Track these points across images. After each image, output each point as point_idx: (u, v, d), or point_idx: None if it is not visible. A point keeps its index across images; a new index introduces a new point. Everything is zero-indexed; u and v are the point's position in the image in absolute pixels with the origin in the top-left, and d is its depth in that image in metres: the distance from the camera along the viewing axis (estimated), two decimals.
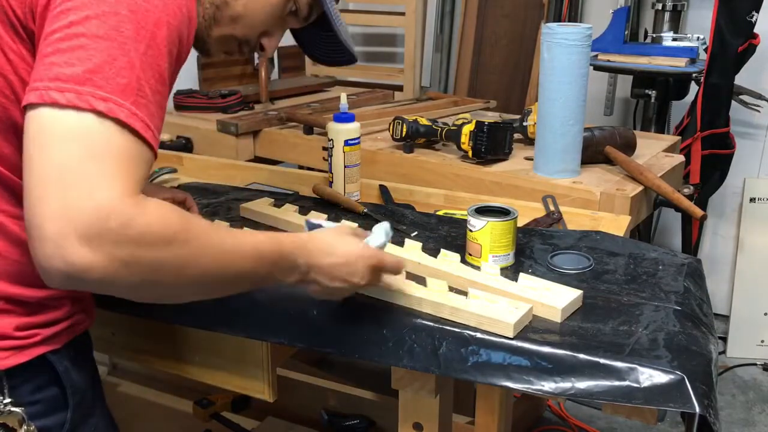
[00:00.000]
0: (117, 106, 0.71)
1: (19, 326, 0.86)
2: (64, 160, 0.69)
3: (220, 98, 2.41)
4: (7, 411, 0.85)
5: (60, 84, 0.71)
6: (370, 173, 1.71)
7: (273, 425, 1.99)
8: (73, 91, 0.70)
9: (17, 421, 0.85)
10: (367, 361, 1.07)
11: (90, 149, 0.70)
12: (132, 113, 0.72)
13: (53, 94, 0.70)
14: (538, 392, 0.97)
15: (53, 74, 0.71)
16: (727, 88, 2.36)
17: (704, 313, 1.12)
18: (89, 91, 0.71)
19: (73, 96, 0.70)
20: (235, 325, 1.15)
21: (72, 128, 0.70)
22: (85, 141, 0.70)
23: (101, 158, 0.70)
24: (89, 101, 0.70)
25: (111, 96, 0.71)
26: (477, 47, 3.03)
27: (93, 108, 0.70)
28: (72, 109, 0.70)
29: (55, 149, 0.69)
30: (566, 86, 1.67)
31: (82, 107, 0.70)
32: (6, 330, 0.85)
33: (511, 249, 1.23)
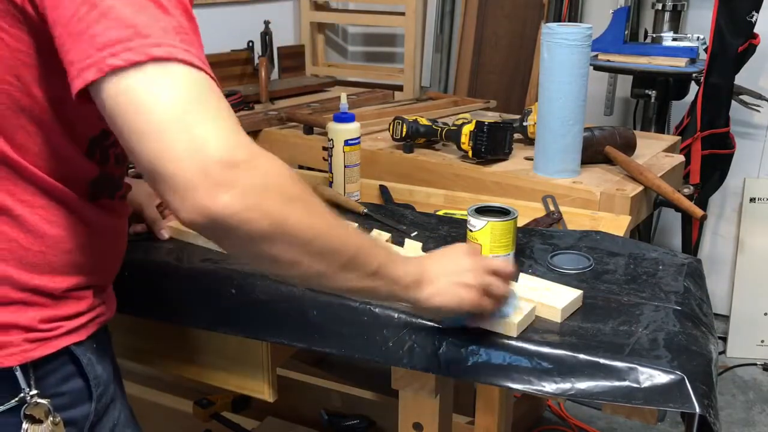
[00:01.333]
0: (171, 47, 0.71)
1: (44, 319, 0.86)
2: (164, 113, 0.68)
3: None
4: (33, 402, 0.85)
5: (110, 49, 0.69)
6: (370, 173, 1.71)
7: (273, 425, 1.99)
8: (127, 50, 0.69)
9: (43, 412, 0.86)
10: (367, 361, 1.07)
11: (178, 93, 0.70)
12: (185, 50, 0.72)
13: (110, 61, 0.69)
14: (538, 392, 0.97)
15: (99, 44, 0.70)
16: (727, 88, 2.36)
17: (704, 313, 1.12)
18: (140, 44, 0.70)
19: (130, 54, 0.69)
20: (235, 325, 1.15)
21: (148, 84, 0.69)
22: (168, 88, 0.70)
23: (195, 98, 0.70)
24: (146, 52, 0.69)
25: (162, 40, 0.70)
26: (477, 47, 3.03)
27: (153, 56, 0.69)
28: (135, 66, 0.69)
29: (148, 108, 0.69)
30: (566, 86, 1.67)
31: (142, 60, 0.69)
32: (31, 323, 0.85)
33: (511, 249, 1.22)
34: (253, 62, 2.72)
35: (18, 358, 0.84)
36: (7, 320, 0.84)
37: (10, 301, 0.84)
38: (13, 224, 0.83)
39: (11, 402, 0.85)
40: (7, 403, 0.85)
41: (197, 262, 1.22)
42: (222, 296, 1.15)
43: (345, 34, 3.45)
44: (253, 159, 0.71)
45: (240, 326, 1.15)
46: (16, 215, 0.83)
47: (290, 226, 0.73)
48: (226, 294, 1.15)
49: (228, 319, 1.15)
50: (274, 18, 2.83)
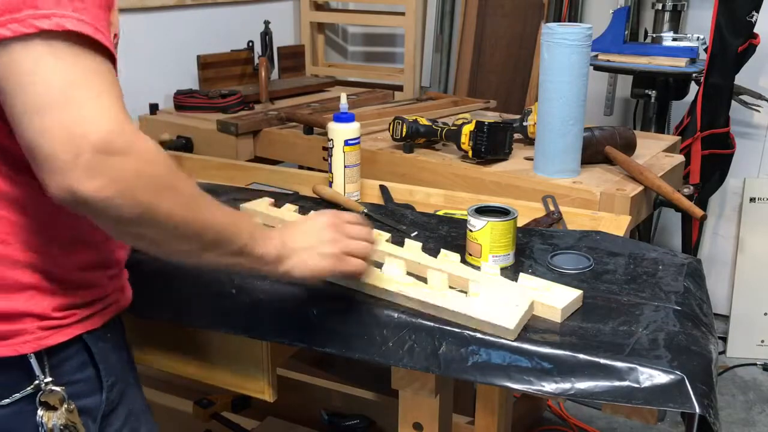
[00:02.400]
0: (62, 18, 0.71)
1: (57, 306, 0.87)
2: (46, 96, 0.70)
3: (220, 98, 2.41)
4: (48, 390, 0.86)
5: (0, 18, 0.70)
6: (370, 173, 1.71)
7: (273, 425, 1.99)
8: (14, 21, 0.70)
9: (58, 399, 0.87)
10: (367, 361, 1.07)
11: (60, 70, 0.70)
12: (78, 19, 0.72)
13: None
14: (538, 392, 0.97)
15: None
16: (727, 88, 2.36)
17: (704, 313, 1.12)
18: (29, 14, 0.70)
19: (17, 25, 0.70)
20: (235, 325, 1.15)
21: (33, 57, 0.70)
22: (50, 64, 0.70)
23: (80, 82, 0.71)
24: (32, 24, 0.70)
25: (51, 11, 0.71)
26: (477, 47, 3.03)
27: (40, 29, 0.70)
28: (21, 39, 0.70)
29: (30, 88, 0.70)
30: (566, 86, 1.67)
31: (30, 32, 0.70)
32: (45, 310, 0.86)
33: (511, 249, 1.23)
34: (253, 62, 2.73)
35: (32, 346, 0.85)
36: (21, 308, 0.84)
37: (22, 286, 0.85)
38: (10, 207, 0.84)
39: (27, 389, 0.86)
40: (22, 390, 0.86)
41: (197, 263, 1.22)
42: (222, 296, 1.15)
43: (345, 34, 3.45)
44: (129, 146, 0.72)
45: (240, 326, 1.15)
46: (12, 197, 0.83)
47: (156, 213, 0.76)
48: (226, 294, 1.15)
49: (228, 319, 1.15)
50: (274, 18, 2.83)
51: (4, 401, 0.85)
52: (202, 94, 2.45)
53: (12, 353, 0.84)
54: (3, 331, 0.84)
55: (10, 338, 0.84)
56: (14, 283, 0.84)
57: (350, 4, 3.34)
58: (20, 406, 0.86)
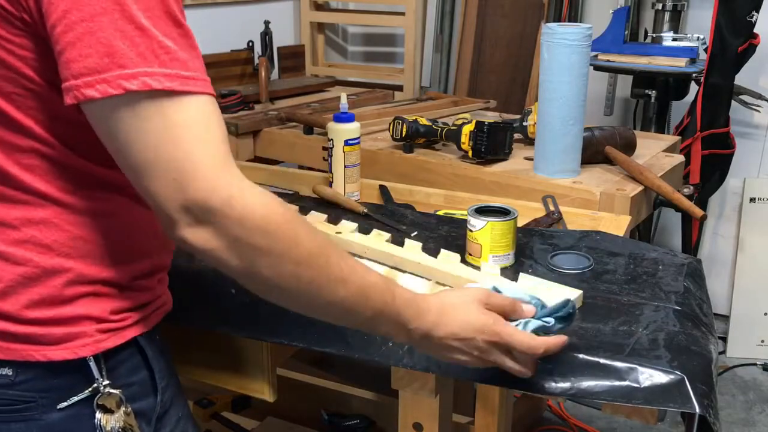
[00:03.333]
0: (148, 77, 0.70)
1: (114, 310, 0.87)
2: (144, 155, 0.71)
3: (220, 98, 2.41)
4: (106, 393, 0.86)
5: (86, 79, 0.70)
6: (370, 173, 1.71)
7: (273, 425, 1.99)
8: (102, 81, 0.70)
9: (115, 402, 0.87)
10: (367, 361, 1.07)
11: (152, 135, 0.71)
12: (164, 75, 0.71)
13: (86, 92, 0.70)
14: (538, 392, 0.97)
15: (76, 71, 0.70)
16: (727, 88, 2.36)
17: (704, 313, 1.12)
18: (116, 75, 0.70)
19: (105, 86, 0.70)
20: (235, 325, 1.15)
21: (124, 119, 0.71)
22: (143, 129, 0.71)
23: (168, 141, 0.71)
24: (120, 84, 0.70)
25: (137, 69, 0.70)
26: (477, 47, 3.03)
27: (127, 90, 0.70)
28: (109, 99, 0.70)
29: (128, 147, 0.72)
30: (566, 86, 1.67)
31: (118, 93, 0.70)
32: (102, 314, 0.86)
33: (511, 249, 1.23)
34: (253, 62, 2.72)
35: (91, 348, 0.85)
36: (79, 312, 0.85)
37: (81, 294, 0.85)
38: (77, 221, 0.84)
39: (84, 392, 0.86)
40: (80, 393, 0.85)
41: (197, 262, 1.22)
42: (222, 296, 1.15)
43: (345, 34, 3.45)
44: (233, 199, 0.72)
45: (240, 326, 1.15)
46: (80, 212, 0.84)
47: (259, 272, 0.76)
48: (226, 294, 1.15)
49: (228, 319, 1.15)
50: (274, 18, 2.83)
51: (61, 404, 0.85)
52: None
53: (71, 356, 0.84)
54: (62, 335, 0.84)
55: (70, 341, 0.84)
56: (74, 293, 0.84)
57: (350, 4, 3.34)
58: (76, 410, 0.86)
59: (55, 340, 0.83)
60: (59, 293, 0.83)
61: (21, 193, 0.81)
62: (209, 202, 0.71)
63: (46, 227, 0.82)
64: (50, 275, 0.83)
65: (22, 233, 0.82)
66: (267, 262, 0.75)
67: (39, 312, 0.83)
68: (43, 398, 0.84)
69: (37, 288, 0.82)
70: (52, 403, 0.84)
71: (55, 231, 0.83)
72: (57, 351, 0.83)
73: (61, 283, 0.83)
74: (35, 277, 0.82)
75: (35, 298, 0.82)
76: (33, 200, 0.82)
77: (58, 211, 0.83)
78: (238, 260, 0.74)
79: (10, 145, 0.80)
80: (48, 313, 0.83)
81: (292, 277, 0.77)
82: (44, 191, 0.82)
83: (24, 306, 0.82)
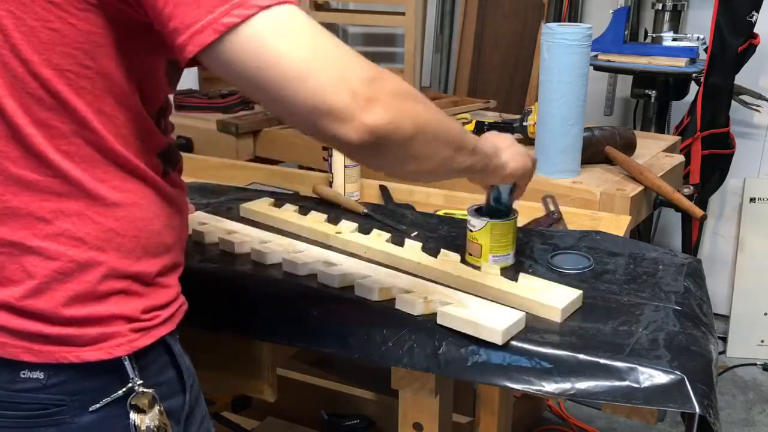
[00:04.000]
0: None
1: (145, 309, 0.87)
2: (301, 58, 0.72)
3: (220, 98, 2.41)
4: (140, 392, 0.85)
5: (221, 8, 0.71)
6: (370, 173, 1.71)
7: (273, 425, 1.99)
8: (237, 6, 0.71)
9: (148, 401, 0.86)
10: (367, 361, 1.07)
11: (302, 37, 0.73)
12: None
13: (225, 20, 0.71)
14: (538, 392, 0.97)
15: (209, 6, 0.71)
16: (727, 88, 2.36)
17: (704, 313, 1.12)
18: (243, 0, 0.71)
19: (241, 10, 0.71)
20: (235, 325, 1.15)
21: (269, 33, 0.72)
22: (289, 34, 0.72)
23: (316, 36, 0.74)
24: (254, 3, 0.71)
25: None
26: (477, 47, 3.03)
27: (261, 6, 0.72)
28: (248, 20, 0.71)
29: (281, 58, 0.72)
30: (566, 86, 1.67)
31: (254, 13, 0.71)
32: (133, 313, 0.85)
33: (511, 249, 1.23)
34: None
35: (125, 348, 0.84)
36: (112, 312, 0.84)
37: (113, 291, 0.84)
38: (108, 213, 0.83)
39: (117, 392, 0.85)
40: (113, 394, 0.84)
41: (197, 263, 1.22)
42: (222, 296, 1.15)
43: (345, 34, 3.45)
44: (379, 71, 0.77)
45: (241, 326, 1.15)
46: (109, 203, 0.83)
47: (425, 123, 0.81)
48: (227, 294, 1.15)
49: (229, 319, 1.15)
50: None
51: (92, 407, 0.84)
52: (202, 94, 2.45)
53: (106, 356, 0.83)
54: (97, 335, 0.83)
55: (104, 341, 0.83)
56: (106, 290, 0.84)
57: (350, 4, 3.34)
58: (109, 411, 0.85)
59: (89, 341, 0.82)
60: (93, 289, 0.82)
61: (57, 182, 0.80)
62: (372, 78, 0.75)
63: (79, 219, 0.81)
64: (84, 270, 0.82)
65: (55, 227, 0.81)
66: (424, 108, 0.82)
67: (74, 310, 0.81)
68: (75, 401, 0.83)
69: (71, 284, 0.81)
70: (84, 406, 0.83)
71: (88, 223, 0.82)
72: (91, 352, 0.82)
73: (96, 278, 0.82)
74: (70, 272, 0.81)
75: (70, 294, 0.81)
76: (67, 191, 0.81)
77: (90, 203, 0.82)
78: (410, 124, 0.78)
79: (53, 129, 0.79)
80: (82, 312, 0.82)
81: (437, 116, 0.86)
82: (79, 180, 0.81)
83: (60, 303, 0.81)
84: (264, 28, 0.72)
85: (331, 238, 1.31)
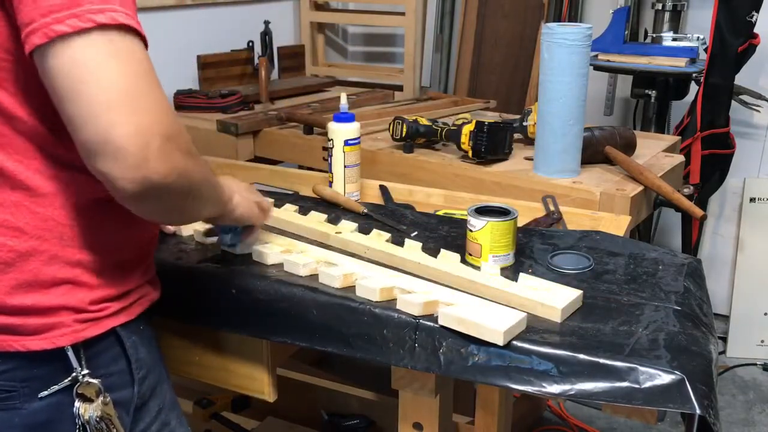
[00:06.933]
0: (113, 12, 0.73)
1: (94, 300, 0.88)
2: (109, 84, 0.72)
3: (220, 98, 2.41)
4: (85, 382, 0.87)
5: (56, 15, 0.71)
6: (370, 173, 1.71)
7: (273, 425, 1.99)
8: (73, 16, 0.71)
9: (94, 391, 0.88)
10: (367, 361, 1.07)
11: (122, 64, 0.73)
12: (124, 14, 0.74)
13: (56, 27, 0.71)
14: (539, 392, 0.97)
15: (44, 9, 0.71)
16: (727, 88, 2.36)
17: (704, 313, 1.12)
18: (84, 10, 0.71)
19: (74, 20, 0.71)
20: (235, 325, 1.15)
21: (93, 51, 0.72)
22: (112, 58, 0.72)
23: (136, 69, 0.74)
24: (90, 18, 0.71)
25: (103, 6, 0.73)
26: (477, 47, 3.03)
27: (96, 23, 0.72)
28: (80, 33, 0.71)
29: (93, 77, 0.71)
30: (566, 86, 1.67)
31: (87, 27, 0.71)
32: (80, 304, 0.87)
33: (511, 249, 1.23)
34: (253, 62, 2.72)
35: (69, 338, 0.86)
36: (58, 302, 0.86)
37: (60, 281, 0.86)
38: (46, 203, 0.84)
39: (64, 381, 0.87)
40: (60, 382, 0.87)
41: (197, 262, 1.22)
42: (222, 296, 1.15)
43: (345, 34, 3.45)
44: (177, 128, 0.77)
45: (240, 326, 1.15)
46: (47, 193, 0.84)
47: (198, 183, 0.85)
48: (226, 294, 1.15)
49: (228, 319, 1.15)
50: (274, 18, 2.83)
51: (41, 393, 0.86)
52: (202, 94, 2.45)
53: (50, 346, 0.85)
54: (40, 325, 0.85)
55: (48, 331, 0.85)
56: (50, 278, 0.85)
57: (350, 4, 3.34)
58: (57, 398, 0.87)
59: (34, 330, 0.85)
60: (36, 278, 0.84)
61: None
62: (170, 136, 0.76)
63: (17, 209, 0.83)
64: (25, 259, 0.84)
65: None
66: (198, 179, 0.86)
67: (19, 299, 0.84)
68: (25, 387, 0.86)
69: (14, 273, 0.83)
70: (33, 393, 0.86)
71: (26, 213, 0.84)
72: (35, 341, 0.85)
73: (37, 266, 0.84)
74: (11, 261, 0.83)
75: (13, 283, 0.83)
76: (2, 182, 0.83)
77: (27, 193, 0.84)
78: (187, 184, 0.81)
79: None
80: (27, 301, 0.84)
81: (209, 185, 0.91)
82: (13, 171, 0.82)
83: (4, 293, 0.83)
84: (93, 47, 0.72)
85: (331, 238, 1.31)
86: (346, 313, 1.08)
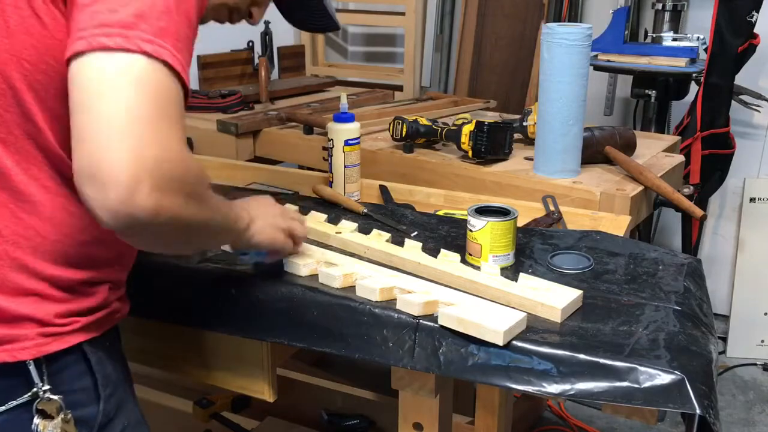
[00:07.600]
0: (162, 48, 0.73)
1: (60, 313, 0.86)
2: (126, 106, 0.70)
3: (220, 98, 2.41)
4: (46, 398, 0.85)
5: (107, 29, 0.71)
6: (370, 173, 1.71)
7: (273, 425, 1.99)
8: (121, 36, 0.71)
9: (55, 408, 0.86)
10: (367, 361, 1.07)
11: (148, 94, 0.71)
12: (173, 55, 0.74)
13: (102, 39, 0.71)
14: (538, 392, 0.97)
15: (98, 21, 0.72)
16: (727, 88, 2.36)
17: (704, 313, 1.12)
18: (136, 35, 0.72)
19: (121, 40, 0.71)
20: (235, 325, 1.15)
21: (125, 71, 0.71)
22: (142, 85, 0.71)
23: (161, 104, 0.72)
24: (138, 44, 0.71)
25: (155, 38, 0.72)
26: (477, 47, 3.03)
27: (142, 50, 0.71)
28: (122, 51, 0.71)
29: (114, 95, 0.70)
30: (566, 86, 1.67)
31: (132, 49, 0.71)
32: (46, 317, 0.85)
33: (511, 249, 1.23)
34: (253, 62, 2.72)
35: (31, 352, 0.84)
36: (22, 312, 0.83)
37: (25, 291, 0.84)
38: (31, 211, 0.83)
39: (24, 396, 0.84)
40: (19, 397, 0.84)
41: (197, 263, 1.22)
42: (222, 296, 1.15)
43: (345, 34, 3.45)
44: (185, 174, 0.74)
45: (240, 326, 1.15)
46: (35, 201, 0.83)
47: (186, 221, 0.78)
48: (226, 294, 1.15)
49: (228, 319, 1.15)
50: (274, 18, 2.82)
51: (1, 408, 0.84)
52: (202, 94, 2.45)
53: (10, 359, 0.83)
54: (2, 335, 0.83)
55: (9, 343, 0.83)
56: (18, 287, 0.83)
57: (350, 4, 3.34)
58: (16, 414, 0.85)
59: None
60: (2, 283, 0.82)
61: None
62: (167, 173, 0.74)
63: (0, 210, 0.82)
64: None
65: None
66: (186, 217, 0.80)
67: None
68: None
69: None
70: None
71: (8, 216, 0.82)
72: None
73: (4, 270, 0.82)
74: None
75: None
76: None
77: (15, 197, 0.82)
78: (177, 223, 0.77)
79: None
80: None
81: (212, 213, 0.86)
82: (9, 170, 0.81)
83: None
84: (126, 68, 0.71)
85: (331, 238, 1.31)
86: (346, 313, 1.08)
